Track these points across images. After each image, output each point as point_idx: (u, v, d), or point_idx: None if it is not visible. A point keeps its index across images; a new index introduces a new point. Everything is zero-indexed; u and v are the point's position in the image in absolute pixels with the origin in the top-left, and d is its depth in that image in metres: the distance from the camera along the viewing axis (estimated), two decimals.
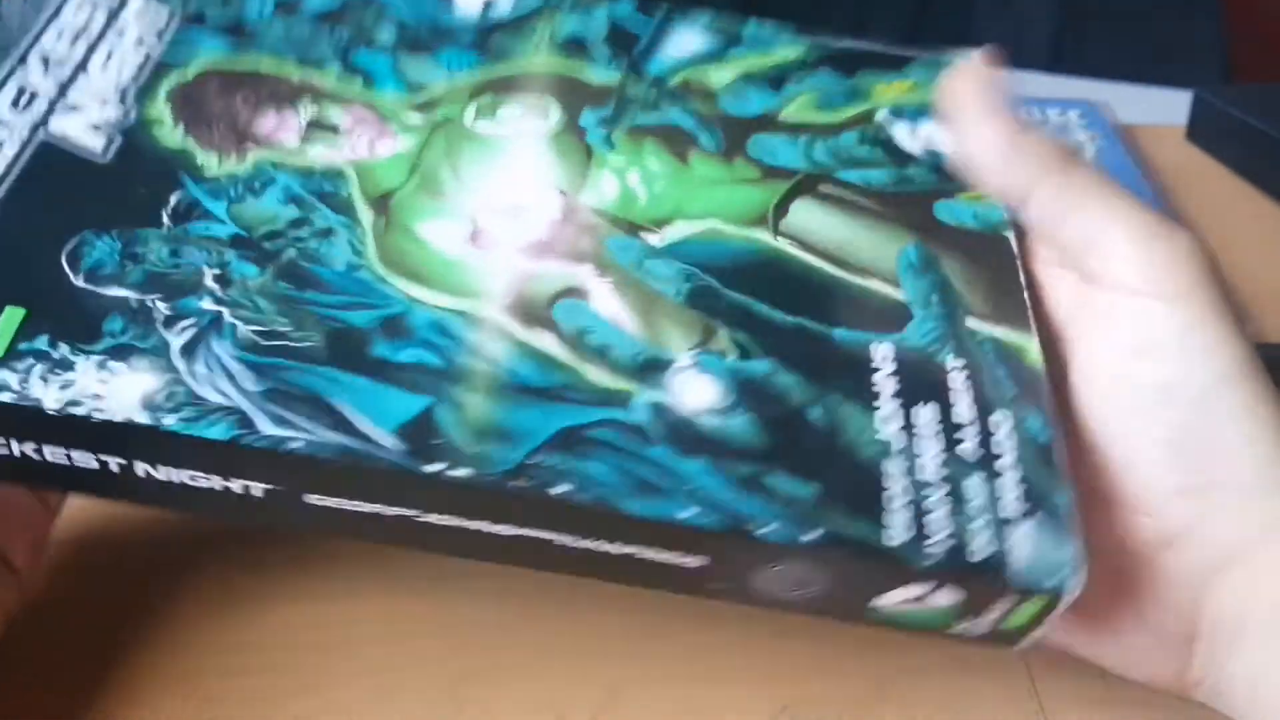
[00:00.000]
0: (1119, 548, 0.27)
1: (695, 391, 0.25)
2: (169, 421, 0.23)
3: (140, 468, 0.24)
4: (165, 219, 0.26)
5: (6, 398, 0.23)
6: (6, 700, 0.30)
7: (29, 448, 0.24)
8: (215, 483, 0.25)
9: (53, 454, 0.24)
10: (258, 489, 0.25)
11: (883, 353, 0.27)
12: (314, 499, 0.25)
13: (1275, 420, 0.26)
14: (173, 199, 0.26)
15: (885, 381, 0.26)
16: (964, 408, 0.26)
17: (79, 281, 0.25)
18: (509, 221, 0.28)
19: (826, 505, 0.24)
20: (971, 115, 0.30)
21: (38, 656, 0.31)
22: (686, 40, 0.33)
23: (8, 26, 0.26)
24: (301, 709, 0.31)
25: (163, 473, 0.25)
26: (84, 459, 0.24)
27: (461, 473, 0.24)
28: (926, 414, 0.26)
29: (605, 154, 0.30)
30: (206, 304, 0.25)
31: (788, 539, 0.24)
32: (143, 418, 0.23)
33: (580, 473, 0.24)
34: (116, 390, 0.23)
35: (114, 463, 0.24)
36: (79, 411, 0.23)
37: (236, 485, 0.25)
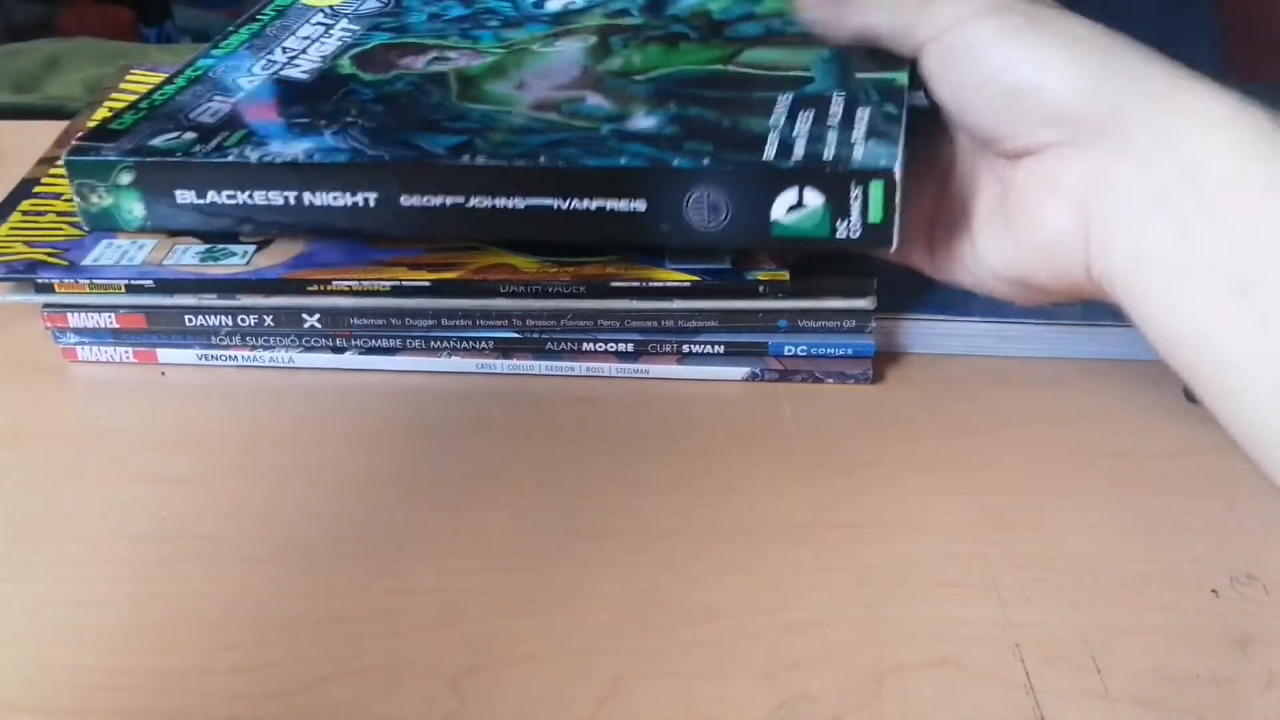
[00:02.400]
0: (1029, 178, 0.34)
1: (641, 123, 0.39)
2: (317, 157, 0.38)
3: (305, 197, 0.38)
4: (336, 96, 0.42)
5: (231, 159, 0.39)
6: None
7: (245, 195, 0.39)
8: (345, 199, 0.38)
9: (258, 196, 0.38)
10: (370, 198, 0.38)
11: (784, 98, 0.39)
12: (406, 200, 0.38)
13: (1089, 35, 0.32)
14: (342, 90, 0.43)
15: (780, 105, 0.38)
16: (836, 109, 0.38)
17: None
18: (544, 78, 0.42)
19: (721, 150, 0.37)
20: None
21: None
22: None
23: (270, 36, 0.47)
24: (303, 703, 0.31)
25: (317, 197, 0.38)
26: (275, 196, 0.38)
27: (482, 160, 0.37)
28: (806, 114, 0.38)
29: (619, 49, 0.44)
30: (349, 118, 0.41)
31: (694, 165, 0.36)
32: (303, 158, 0.38)
33: (561, 155, 0.37)
34: (289, 148, 0.39)
35: (290, 195, 0.38)
36: (268, 159, 0.38)
37: (359, 197, 0.38)
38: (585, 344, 0.43)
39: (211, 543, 0.36)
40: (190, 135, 0.40)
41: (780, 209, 0.36)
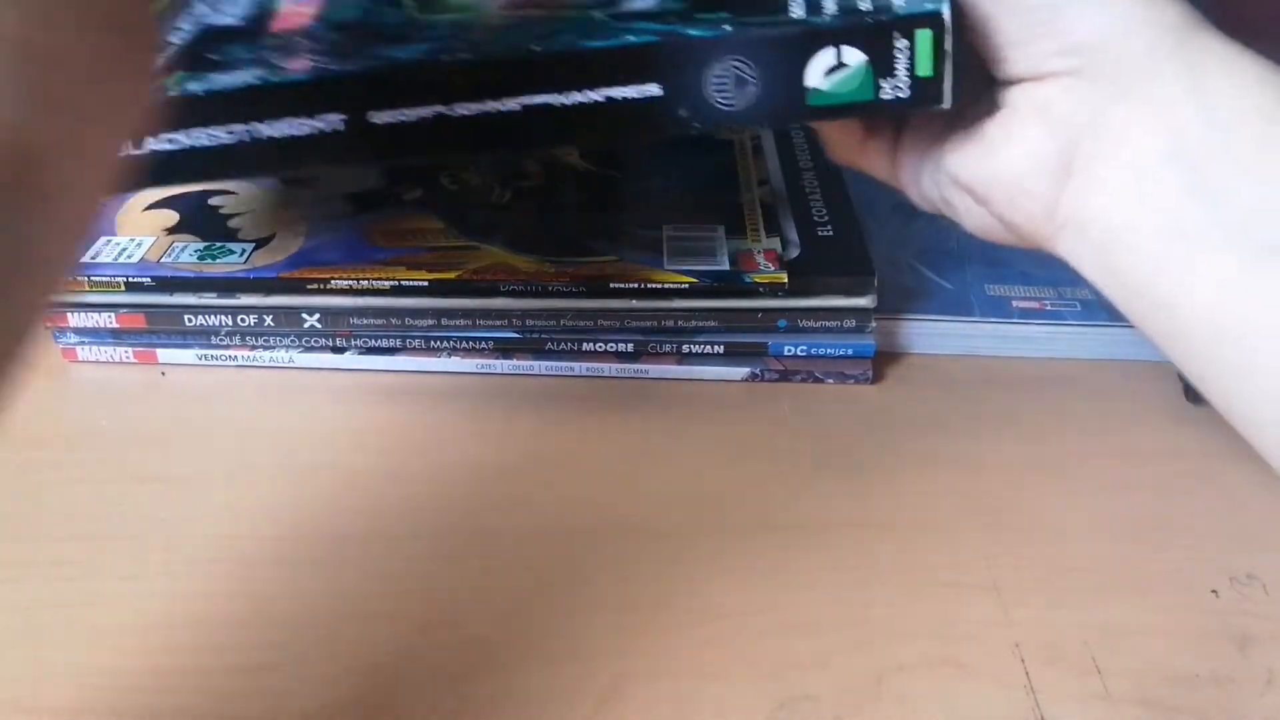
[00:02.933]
0: (1023, 102, 0.32)
1: (640, 2, 0.33)
2: (273, 78, 0.32)
3: (260, 130, 0.33)
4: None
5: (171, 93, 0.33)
6: None
7: (188, 137, 0.33)
8: (307, 126, 0.33)
9: (205, 137, 0.33)
10: (335, 120, 0.33)
11: None
12: (378, 116, 0.33)
13: None
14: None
15: None
16: None
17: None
18: None
19: (740, 16, 0.32)
20: None
21: None
22: None
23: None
24: (306, 706, 0.31)
25: (271, 128, 0.33)
26: (219, 134, 0.33)
27: (465, 55, 0.32)
28: None
29: None
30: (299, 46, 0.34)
31: (714, 34, 0.31)
32: (255, 82, 0.33)
33: (551, 37, 0.32)
34: (237, 77, 0.33)
35: (241, 130, 0.33)
36: (216, 89, 0.33)
37: (321, 122, 0.33)
38: (585, 344, 0.43)
39: (211, 542, 0.36)
40: None
41: (816, 73, 0.32)
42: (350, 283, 0.41)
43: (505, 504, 0.37)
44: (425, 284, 0.41)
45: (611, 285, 0.41)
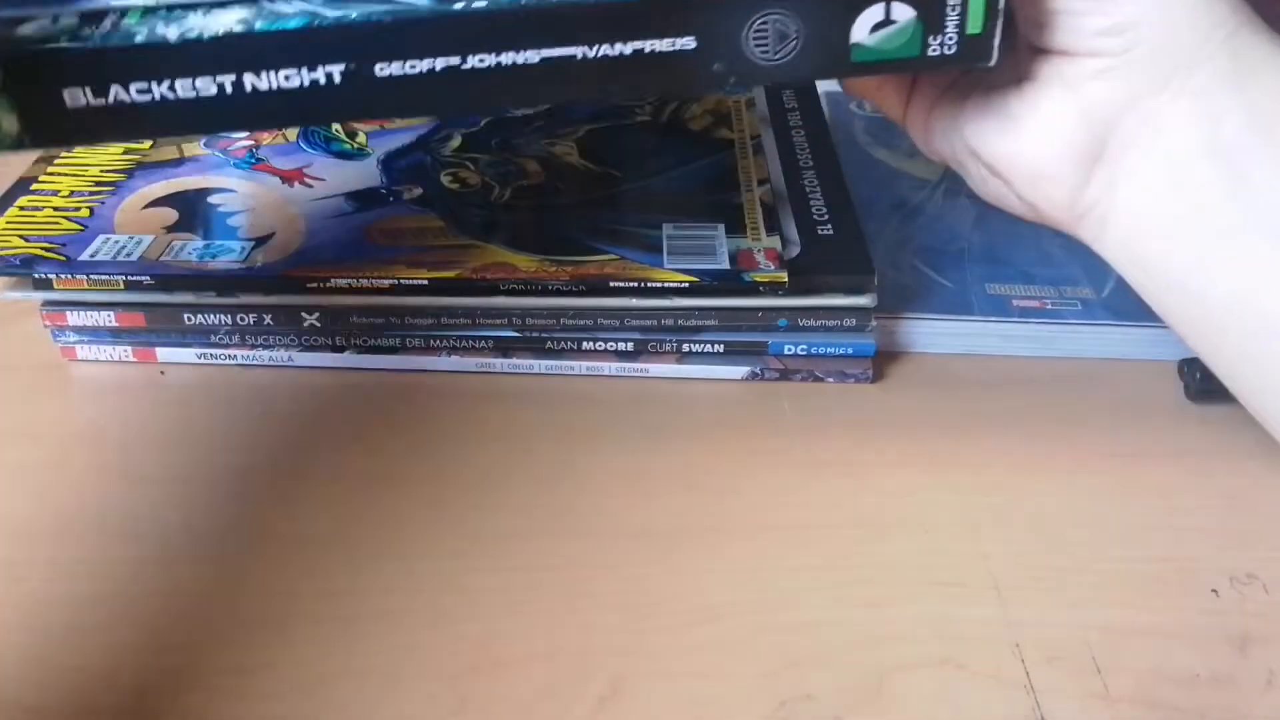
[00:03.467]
0: (1056, 79, 0.31)
1: None
2: (259, 25, 0.30)
3: (247, 80, 0.30)
4: None
5: (140, 40, 0.30)
6: None
7: (164, 87, 0.30)
8: (303, 76, 0.30)
9: (182, 87, 0.30)
10: (335, 72, 0.30)
11: None
12: (382, 69, 0.30)
13: None
14: None
15: None
16: None
17: None
18: None
19: None
20: None
21: None
22: None
23: None
24: (303, 703, 0.31)
25: (263, 80, 0.30)
26: (205, 85, 0.30)
27: (482, 3, 0.30)
28: None
29: None
30: None
31: None
32: (238, 28, 0.30)
33: None
34: (216, 21, 0.30)
35: (227, 81, 0.30)
36: (192, 35, 0.30)
37: (319, 73, 0.30)
38: (585, 343, 0.43)
39: (211, 542, 0.36)
40: (69, 18, 0.30)
41: (863, 29, 0.31)
42: (350, 281, 0.41)
43: (505, 503, 0.37)
44: (425, 283, 0.41)
45: (611, 284, 0.41)
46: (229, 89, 0.31)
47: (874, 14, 0.30)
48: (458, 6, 0.30)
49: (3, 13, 0.30)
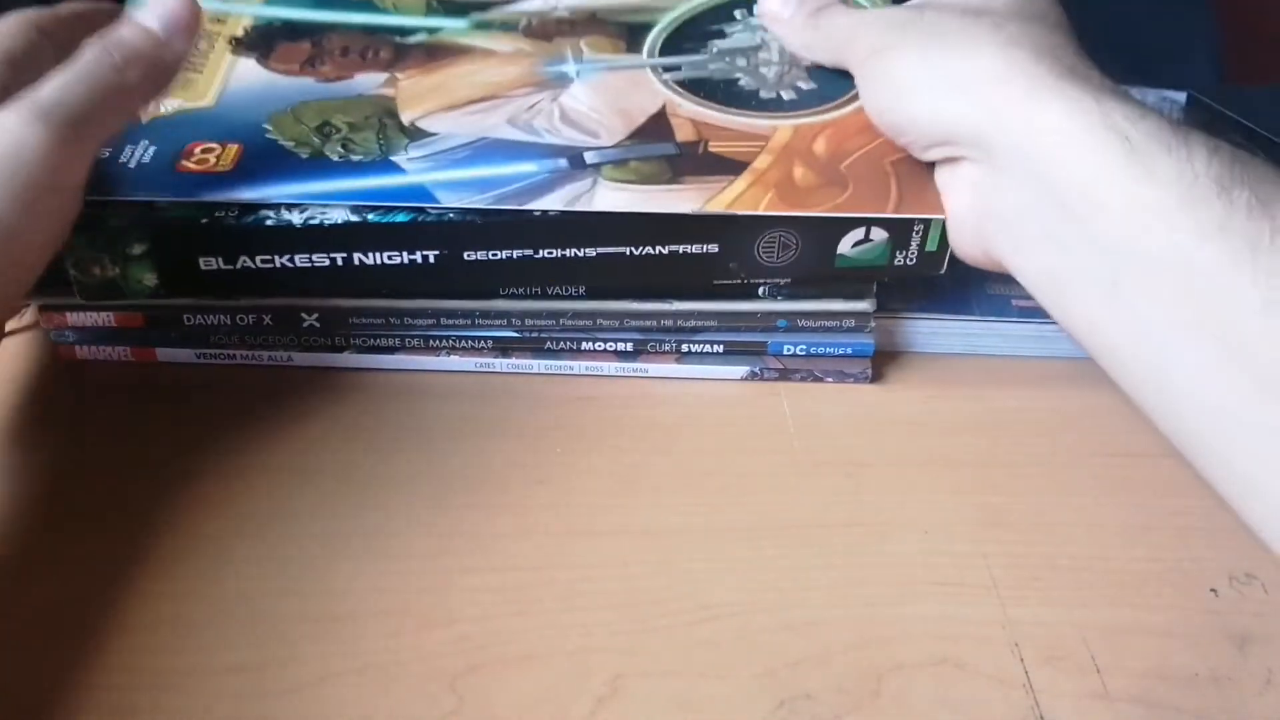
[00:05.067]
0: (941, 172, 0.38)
1: None
2: (370, 217, 0.37)
3: (355, 257, 0.37)
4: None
5: (270, 224, 0.37)
6: None
7: (285, 258, 0.37)
8: (401, 258, 0.38)
9: (300, 260, 0.37)
10: (430, 255, 0.38)
11: None
12: (469, 255, 0.38)
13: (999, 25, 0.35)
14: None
15: None
16: None
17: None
18: None
19: None
20: None
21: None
22: None
23: None
24: (303, 703, 0.31)
25: (370, 257, 0.38)
26: (320, 259, 0.38)
27: (555, 212, 0.37)
28: None
29: None
30: None
31: (771, 212, 0.37)
32: (354, 218, 0.37)
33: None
34: (335, 211, 0.37)
35: (339, 257, 0.38)
36: (314, 222, 0.37)
37: (418, 255, 0.38)
38: (585, 343, 0.43)
39: (210, 542, 0.36)
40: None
41: (846, 244, 0.39)
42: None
43: (504, 503, 0.37)
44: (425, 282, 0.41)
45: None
46: (340, 262, 0.38)
47: (857, 234, 0.38)
48: (536, 213, 0.37)
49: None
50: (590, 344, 0.43)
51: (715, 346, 0.43)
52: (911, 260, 0.39)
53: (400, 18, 0.45)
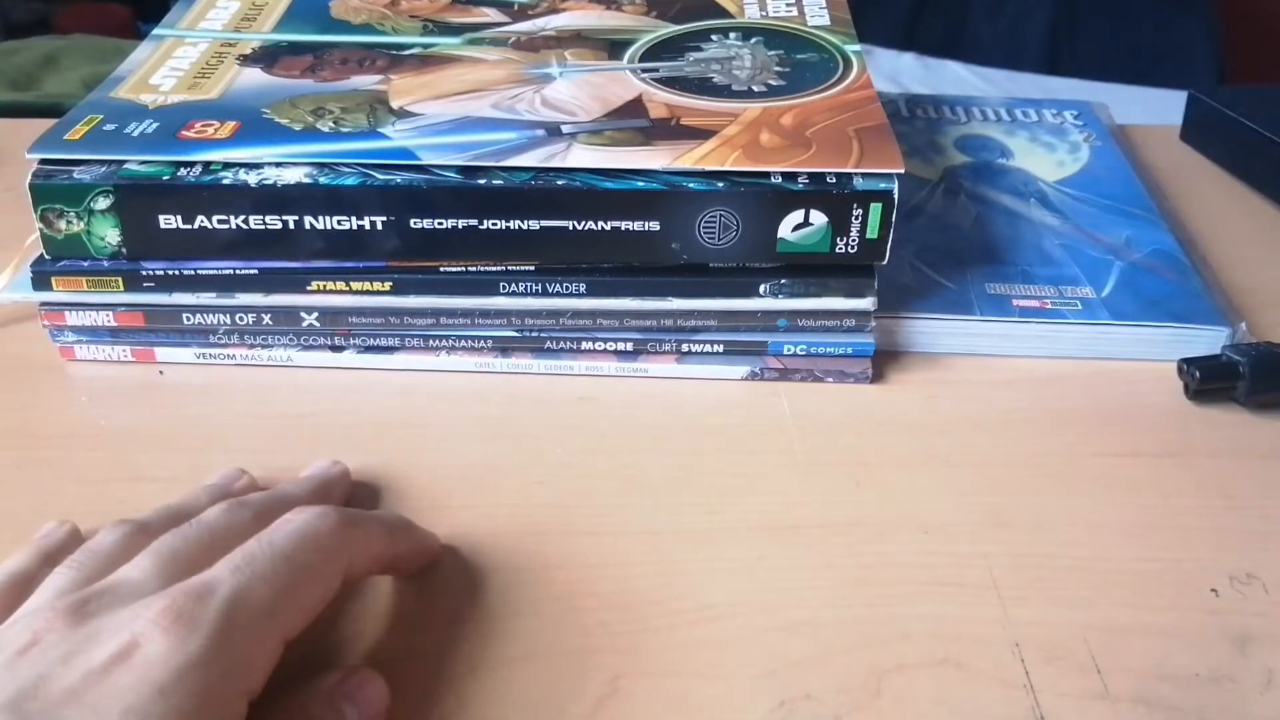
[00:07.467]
0: None
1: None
2: (322, 180, 0.39)
3: (306, 221, 0.39)
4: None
5: (226, 183, 0.39)
6: None
7: (240, 220, 0.39)
8: (351, 223, 0.39)
9: (254, 222, 0.39)
10: (379, 221, 0.39)
11: None
12: (415, 223, 0.39)
13: None
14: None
15: None
16: None
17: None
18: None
19: (733, 175, 0.39)
20: None
21: None
22: None
23: None
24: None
25: (320, 221, 0.39)
26: (273, 221, 0.39)
27: (499, 182, 0.39)
28: None
29: None
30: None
31: (708, 188, 0.39)
32: (305, 180, 0.39)
33: (580, 179, 0.39)
34: (289, 173, 0.39)
35: (290, 220, 0.39)
36: (268, 183, 0.39)
37: (365, 221, 0.39)
38: (585, 343, 0.43)
39: None
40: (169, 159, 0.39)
41: (786, 227, 0.39)
42: (350, 279, 0.41)
43: (504, 502, 0.37)
44: (424, 280, 0.41)
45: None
46: (291, 226, 0.39)
47: (796, 217, 0.39)
48: (480, 182, 0.39)
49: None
50: (590, 344, 0.43)
51: (715, 346, 0.43)
52: (853, 248, 0.40)
53: (398, 38, 0.49)
